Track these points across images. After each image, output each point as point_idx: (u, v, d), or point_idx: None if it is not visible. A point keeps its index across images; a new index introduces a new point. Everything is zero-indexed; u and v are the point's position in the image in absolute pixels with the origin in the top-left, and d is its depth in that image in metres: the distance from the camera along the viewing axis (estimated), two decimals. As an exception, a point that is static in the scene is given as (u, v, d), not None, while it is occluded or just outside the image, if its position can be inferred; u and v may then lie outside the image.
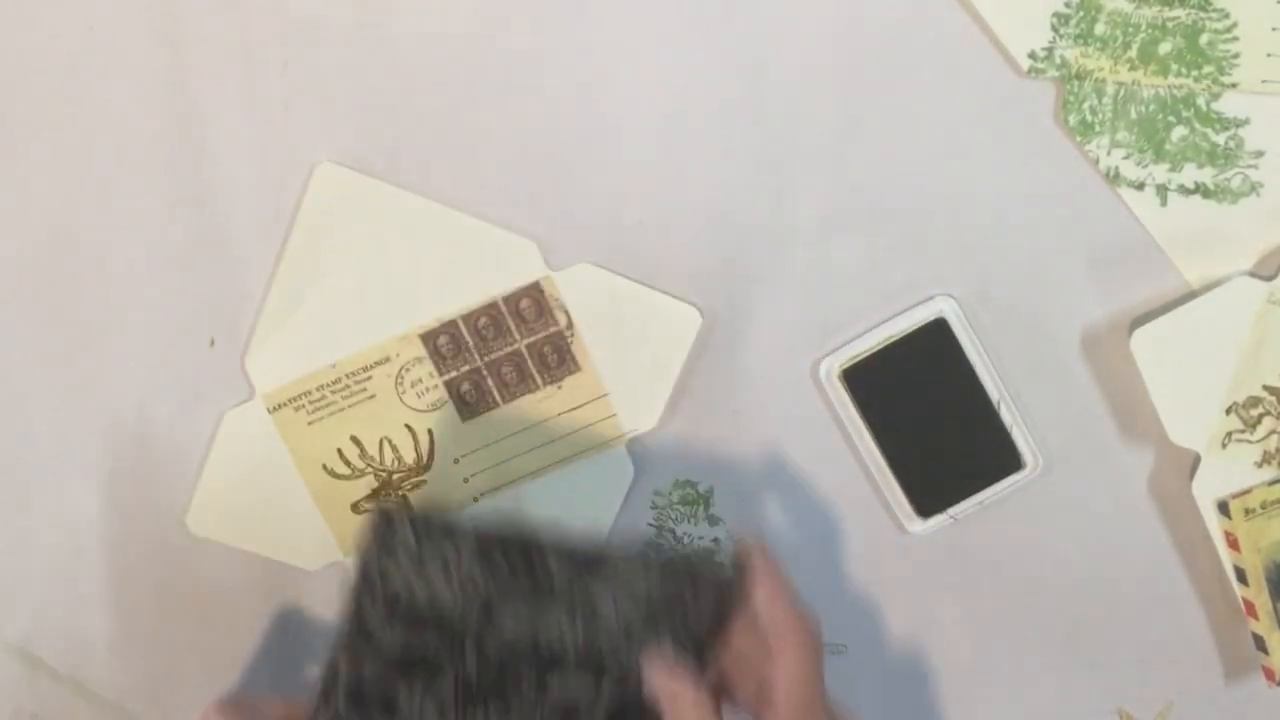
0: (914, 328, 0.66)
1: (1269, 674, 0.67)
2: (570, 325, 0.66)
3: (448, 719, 0.58)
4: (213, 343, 0.66)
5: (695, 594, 0.58)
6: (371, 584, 0.58)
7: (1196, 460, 0.66)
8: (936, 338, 0.66)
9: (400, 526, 0.58)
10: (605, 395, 0.67)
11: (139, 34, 0.64)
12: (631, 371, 0.67)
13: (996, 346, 0.66)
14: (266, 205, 0.65)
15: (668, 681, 0.57)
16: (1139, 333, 0.65)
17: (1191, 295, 0.65)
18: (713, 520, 0.69)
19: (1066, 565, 0.69)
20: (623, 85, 0.64)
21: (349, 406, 0.67)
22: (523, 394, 0.67)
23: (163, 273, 0.65)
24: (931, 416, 0.67)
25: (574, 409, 0.67)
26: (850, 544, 0.69)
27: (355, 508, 0.68)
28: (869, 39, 0.64)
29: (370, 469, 0.67)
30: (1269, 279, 0.65)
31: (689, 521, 0.69)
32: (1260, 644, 0.67)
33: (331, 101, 0.64)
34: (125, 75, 0.64)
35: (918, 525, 0.68)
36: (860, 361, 0.66)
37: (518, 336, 0.66)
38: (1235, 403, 0.65)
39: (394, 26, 0.64)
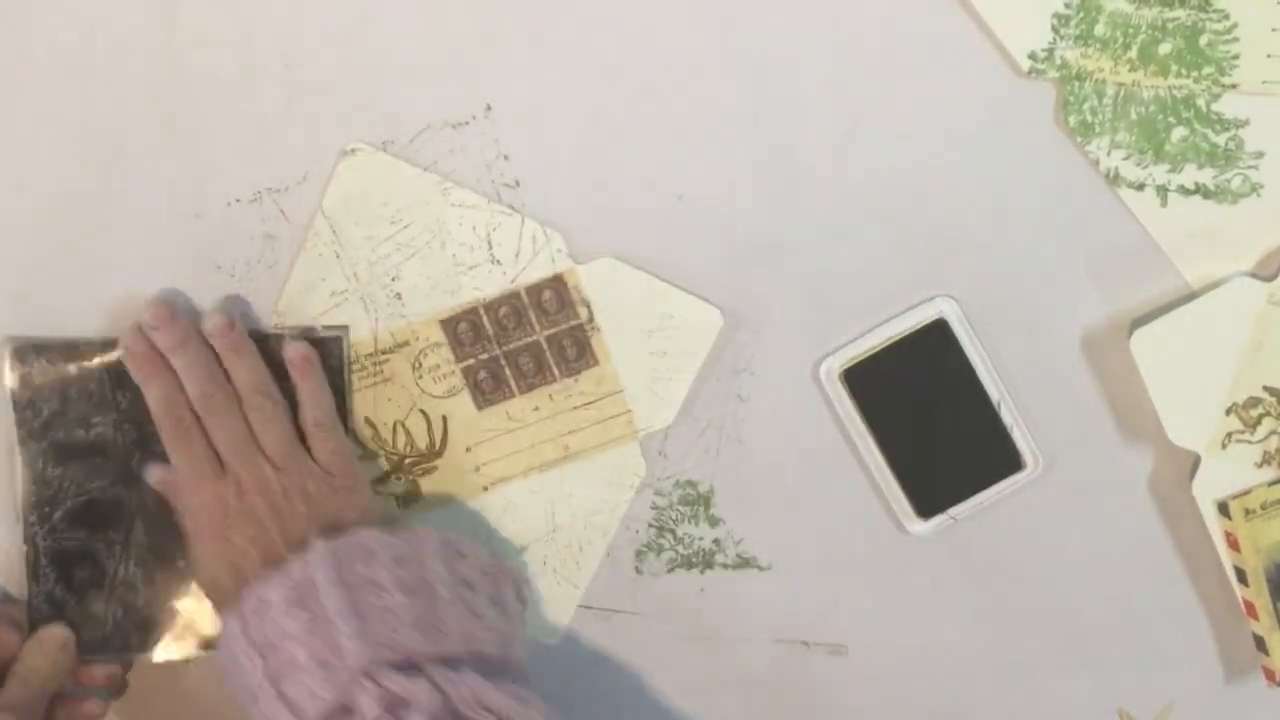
0: (914, 328, 0.66)
1: (1269, 674, 0.67)
2: (591, 319, 0.66)
3: (152, 577, 0.65)
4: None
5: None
6: (29, 424, 0.64)
7: (1196, 460, 0.66)
8: (936, 338, 0.66)
9: (35, 356, 0.64)
10: (621, 391, 0.67)
11: (139, 34, 0.64)
12: (650, 369, 0.67)
13: (996, 346, 0.66)
14: (267, 204, 0.65)
15: None
16: (1139, 333, 0.65)
17: (1191, 295, 0.65)
18: (713, 520, 0.69)
19: (1066, 565, 0.69)
20: (628, 85, 0.65)
21: (365, 388, 0.67)
22: (539, 385, 0.67)
23: (162, 272, 0.65)
24: (931, 416, 0.67)
25: (590, 403, 0.67)
26: (850, 544, 0.69)
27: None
28: (869, 39, 0.64)
29: (382, 451, 0.67)
30: (1269, 279, 0.65)
31: (689, 521, 0.69)
32: (1260, 644, 0.67)
33: (332, 101, 0.64)
34: (125, 75, 0.64)
35: (918, 525, 0.68)
36: (860, 361, 0.66)
37: (538, 327, 0.66)
38: (1235, 403, 0.65)
39: (395, 24, 0.64)
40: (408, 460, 0.67)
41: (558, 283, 0.66)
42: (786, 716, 0.71)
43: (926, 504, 0.67)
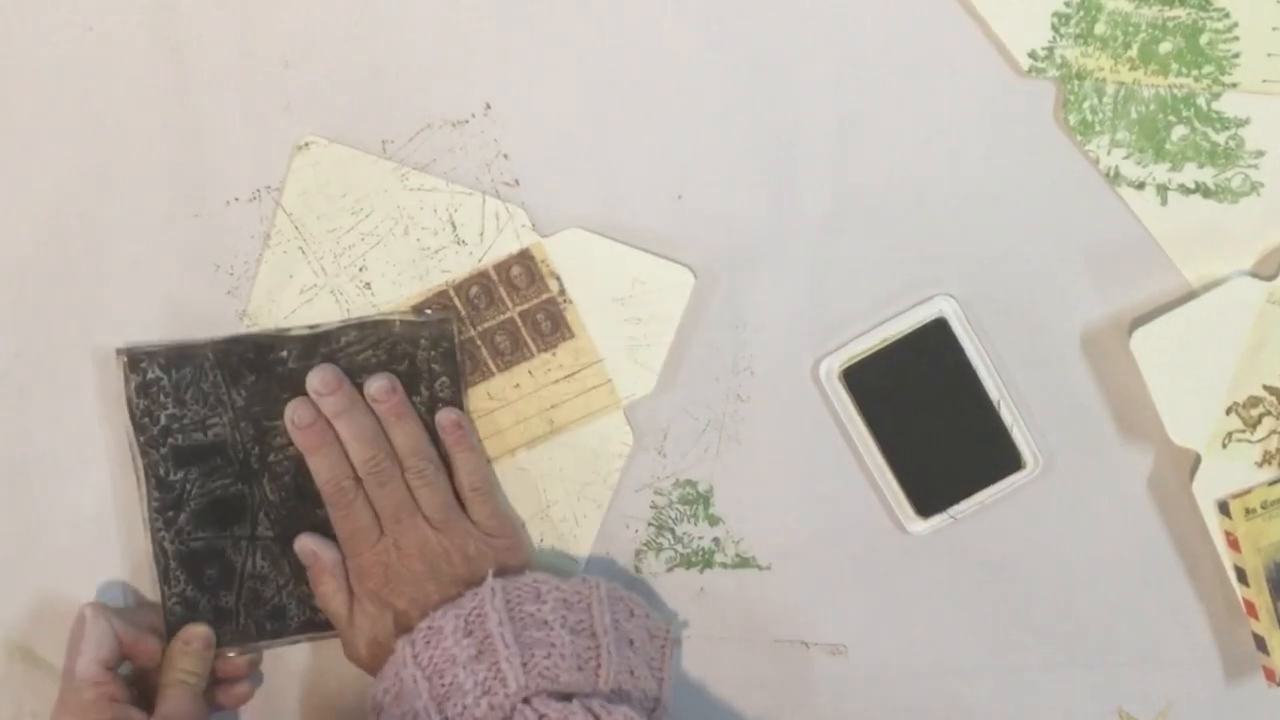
0: (914, 328, 0.66)
1: (1269, 674, 0.67)
2: (563, 291, 0.66)
3: (280, 566, 0.66)
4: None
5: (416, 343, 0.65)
6: (147, 429, 0.64)
7: (1196, 460, 0.66)
8: (936, 338, 0.66)
9: (148, 363, 0.64)
10: (601, 361, 0.67)
11: (139, 34, 0.64)
12: (626, 336, 0.67)
13: (996, 346, 0.66)
14: (266, 203, 0.65)
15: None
16: (1139, 333, 0.65)
17: (1191, 295, 0.65)
18: (713, 520, 0.69)
19: (1066, 565, 0.69)
20: (629, 85, 0.65)
21: None
22: (517, 362, 0.67)
23: (161, 270, 0.65)
24: (931, 416, 0.67)
25: (570, 375, 0.67)
26: (850, 544, 0.69)
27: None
28: (869, 39, 0.64)
29: None
30: (1269, 279, 0.65)
31: (689, 521, 0.69)
32: (1260, 644, 0.67)
33: (332, 100, 0.64)
34: (125, 75, 0.64)
35: (918, 525, 0.68)
36: (860, 361, 0.66)
37: (510, 304, 0.66)
38: (1235, 402, 0.65)
39: (395, 23, 0.64)
40: None
41: (525, 258, 0.66)
42: (786, 716, 0.70)
43: (926, 503, 0.67)
